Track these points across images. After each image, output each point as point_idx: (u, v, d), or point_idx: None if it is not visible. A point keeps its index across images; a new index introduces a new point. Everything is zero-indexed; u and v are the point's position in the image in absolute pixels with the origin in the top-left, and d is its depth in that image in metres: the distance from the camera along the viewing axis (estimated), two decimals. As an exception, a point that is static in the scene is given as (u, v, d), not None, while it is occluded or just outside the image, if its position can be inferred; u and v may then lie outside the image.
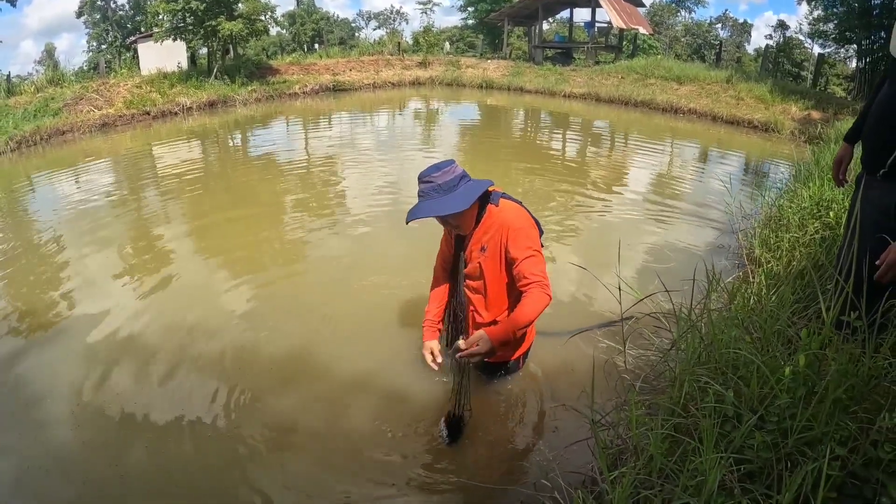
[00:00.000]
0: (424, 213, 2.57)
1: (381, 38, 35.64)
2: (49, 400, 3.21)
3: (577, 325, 3.79)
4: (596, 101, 17.45)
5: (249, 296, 4.42)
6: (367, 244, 5.43)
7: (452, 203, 2.56)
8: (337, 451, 2.82)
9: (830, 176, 5.04)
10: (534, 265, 2.60)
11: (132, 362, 3.56)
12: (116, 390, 3.28)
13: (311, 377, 3.40)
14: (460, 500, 2.48)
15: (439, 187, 2.58)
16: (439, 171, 2.59)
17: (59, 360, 3.61)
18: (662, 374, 2.63)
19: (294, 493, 2.57)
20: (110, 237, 5.79)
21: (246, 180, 8.52)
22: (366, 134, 12.56)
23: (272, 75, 18.57)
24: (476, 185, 2.65)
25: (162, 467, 2.73)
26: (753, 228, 4.94)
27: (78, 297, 4.48)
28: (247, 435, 2.92)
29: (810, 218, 4.35)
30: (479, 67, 22.42)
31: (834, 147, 6.85)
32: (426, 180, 2.60)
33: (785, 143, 11.47)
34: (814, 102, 13.95)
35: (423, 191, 2.61)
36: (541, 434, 2.79)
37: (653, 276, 4.38)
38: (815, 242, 3.91)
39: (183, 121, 14.04)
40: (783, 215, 4.81)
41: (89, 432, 2.96)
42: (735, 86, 15.68)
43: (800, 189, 5.22)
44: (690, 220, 6.31)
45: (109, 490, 2.59)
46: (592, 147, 11.71)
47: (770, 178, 8.25)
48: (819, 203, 4.57)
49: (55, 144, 11.44)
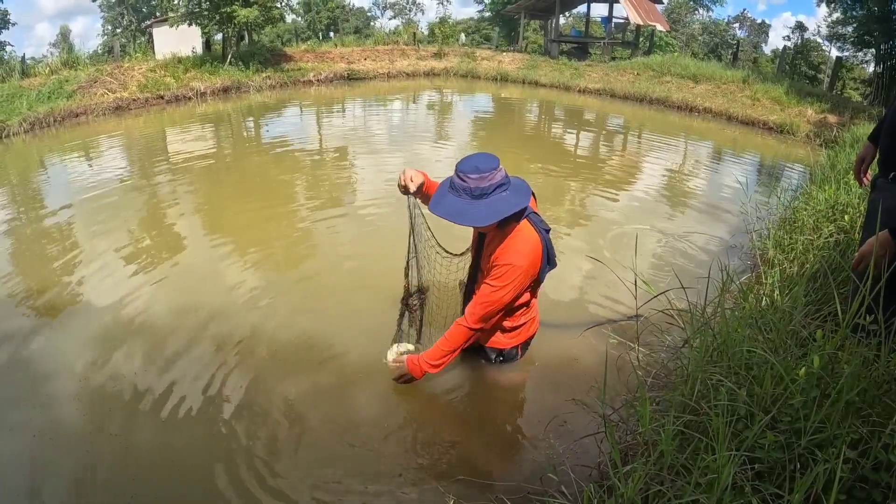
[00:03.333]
0: (444, 214, 2.51)
1: (396, 28, 35.62)
2: (56, 377, 3.24)
3: (589, 320, 3.79)
4: (611, 97, 17.33)
5: (257, 283, 4.42)
6: (377, 235, 5.46)
7: (474, 215, 2.50)
8: (342, 441, 2.81)
9: (846, 180, 5.04)
10: (481, 297, 2.70)
11: (137, 343, 3.58)
12: (121, 370, 3.30)
13: (315, 367, 3.40)
14: (467, 492, 2.47)
15: (471, 191, 2.50)
16: (478, 174, 2.49)
17: (67, 340, 3.64)
18: (674, 372, 2.62)
19: (298, 483, 2.57)
20: (120, 220, 5.80)
21: (257, 168, 8.54)
22: (379, 124, 12.56)
23: (286, 62, 18.53)
24: (508, 201, 2.54)
25: (166, 444, 2.76)
26: (767, 229, 4.90)
27: (87, 278, 4.50)
28: (250, 418, 2.94)
29: (825, 221, 4.34)
30: (494, 60, 22.30)
31: (849, 151, 6.83)
32: (462, 177, 2.50)
33: (800, 145, 11.39)
34: (830, 106, 13.79)
35: (454, 185, 2.54)
36: (549, 427, 2.79)
37: (665, 273, 4.41)
38: (828, 245, 3.89)
39: (197, 106, 14.04)
40: (798, 217, 4.78)
41: (92, 409, 2.99)
42: (751, 86, 15.53)
43: (815, 192, 5.19)
44: (704, 218, 6.28)
45: (112, 463, 2.64)
46: (606, 143, 11.70)
47: (785, 181, 8.18)
48: (834, 206, 4.55)
49: (68, 126, 11.44)
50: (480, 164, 2.50)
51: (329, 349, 3.54)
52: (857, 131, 9.30)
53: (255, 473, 2.59)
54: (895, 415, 1.62)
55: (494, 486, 2.45)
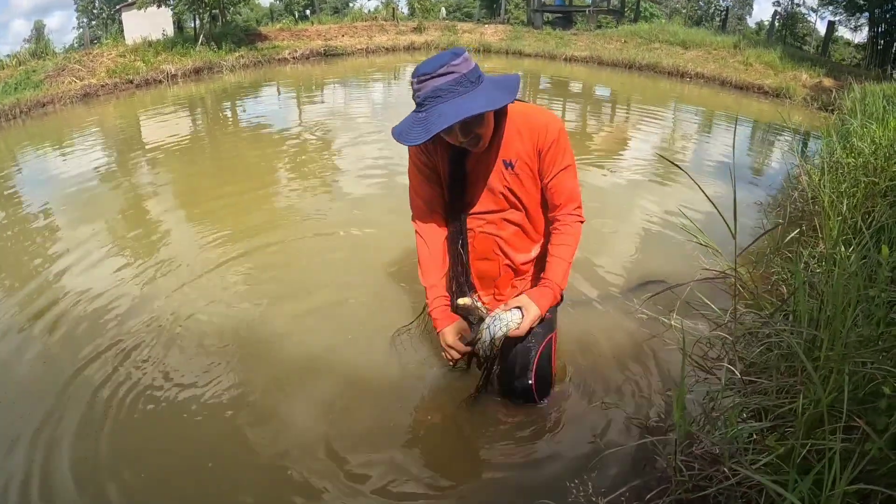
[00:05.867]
0: (464, 113, 1.75)
1: (376, 8, 34.78)
2: (40, 378, 2.88)
3: (616, 290, 3.33)
4: (598, 64, 16.88)
5: (242, 274, 3.93)
6: (362, 214, 4.95)
7: (497, 95, 1.83)
8: (348, 441, 2.37)
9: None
10: (570, 180, 2.06)
11: (123, 341, 3.15)
12: (107, 369, 2.90)
13: (310, 366, 2.92)
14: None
15: (465, 78, 1.80)
16: (458, 57, 1.80)
17: (51, 338, 3.24)
18: (760, 360, 1.99)
19: (302, 482, 2.17)
20: (94, 213, 5.29)
21: (232, 150, 8.01)
22: (357, 101, 12.02)
23: (261, 41, 17.89)
24: (504, 77, 1.93)
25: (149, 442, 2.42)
26: (809, 177, 4.25)
27: (70, 274, 4.04)
28: (245, 415, 2.52)
29: (885, 162, 3.67)
30: (476, 32, 21.67)
31: (882, 89, 6.28)
32: (443, 73, 1.78)
33: (798, 109, 11.08)
34: (826, 70, 13.46)
35: (439, 88, 1.78)
36: (577, 441, 2.29)
37: (687, 237, 3.81)
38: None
39: (167, 88, 13.46)
40: (846, 164, 4.06)
41: (79, 411, 2.59)
42: (743, 51, 15.18)
43: (862, 132, 4.54)
44: (713, 181, 5.77)
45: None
46: (600, 113, 11.19)
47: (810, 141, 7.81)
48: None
49: (35, 117, 10.96)
50: (448, 53, 1.83)
51: (325, 347, 3.05)
52: (856, 95, 8.78)
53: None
54: None
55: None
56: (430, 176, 2.15)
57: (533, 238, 2.21)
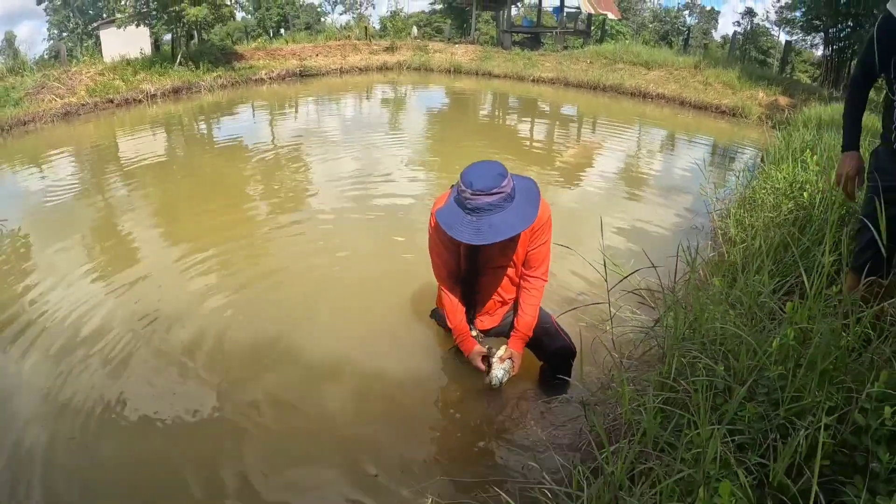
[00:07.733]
0: (511, 233, 2.35)
1: (348, 23, 35.27)
2: (18, 396, 3.08)
3: (560, 304, 3.80)
4: (564, 85, 17.49)
5: (221, 286, 4.29)
6: (338, 234, 5.32)
7: (529, 212, 2.41)
8: (315, 438, 2.79)
9: (802, 158, 5.13)
10: (546, 250, 2.75)
11: (102, 355, 3.41)
12: (89, 383, 3.15)
13: (288, 365, 3.36)
14: (445, 491, 2.43)
15: (508, 196, 2.38)
16: (504, 179, 2.37)
17: (28, 357, 3.43)
18: (647, 352, 2.65)
19: (280, 483, 2.53)
20: (75, 231, 5.56)
21: (211, 169, 8.34)
22: (332, 119, 12.47)
23: (238, 61, 18.15)
24: (522, 183, 2.53)
25: (134, 455, 2.68)
26: (727, 209, 4.99)
27: (47, 292, 4.24)
28: (230, 420, 2.88)
29: (784, 198, 4.41)
30: (447, 52, 22.21)
31: (803, 131, 6.94)
32: (495, 192, 2.34)
33: (753, 127, 11.64)
34: (781, 88, 14.16)
35: (490, 203, 2.34)
36: (529, 417, 2.79)
37: (629, 255, 4.44)
38: (788, 222, 3.97)
39: (147, 108, 13.66)
40: (757, 196, 4.87)
41: (60, 425, 2.84)
42: (703, 71, 15.80)
43: (772, 171, 5.27)
44: (663, 202, 6.39)
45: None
46: (561, 130, 11.82)
47: (740, 162, 8.39)
48: (792, 184, 4.65)
49: (17, 135, 11.00)
50: (491, 169, 2.41)
51: (302, 351, 3.47)
52: (808, 113, 9.50)
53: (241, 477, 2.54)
54: (867, 380, 1.66)
55: (475, 483, 2.41)
56: (451, 250, 2.74)
57: (514, 282, 2.88)
